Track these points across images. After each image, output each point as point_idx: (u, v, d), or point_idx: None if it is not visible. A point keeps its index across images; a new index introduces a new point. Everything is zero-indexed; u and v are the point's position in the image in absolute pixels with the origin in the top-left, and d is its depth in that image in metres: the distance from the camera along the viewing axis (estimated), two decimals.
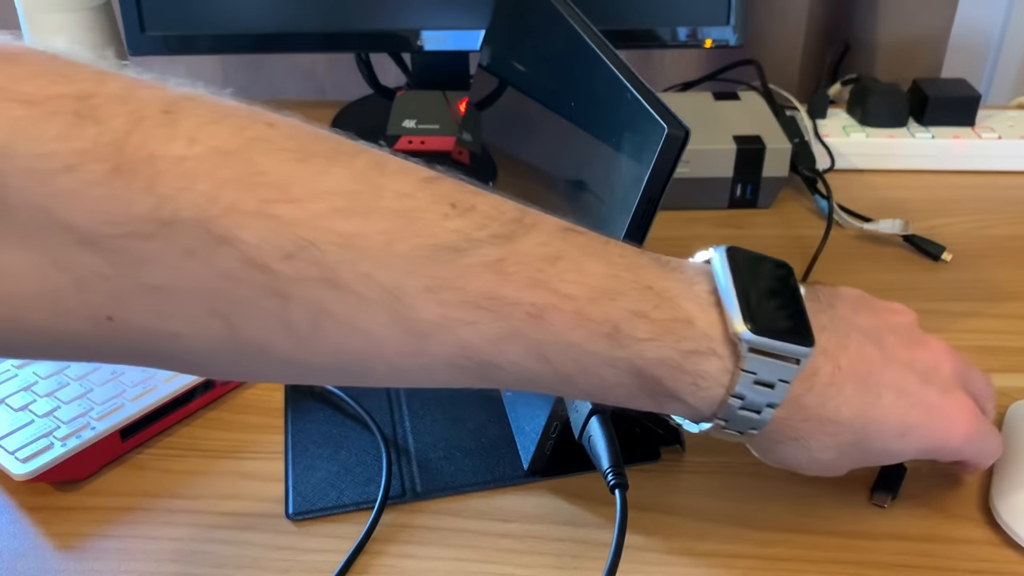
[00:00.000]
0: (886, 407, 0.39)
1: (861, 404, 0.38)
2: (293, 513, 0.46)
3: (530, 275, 0.33)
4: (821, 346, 0.37)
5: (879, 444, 0.39)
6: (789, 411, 0.37)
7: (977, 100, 0.79)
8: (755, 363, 0.35)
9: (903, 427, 0.39)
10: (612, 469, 0.40)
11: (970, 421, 0.41)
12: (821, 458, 0.39)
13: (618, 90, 0.44)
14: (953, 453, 0.42)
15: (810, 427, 0.38)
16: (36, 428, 0.48)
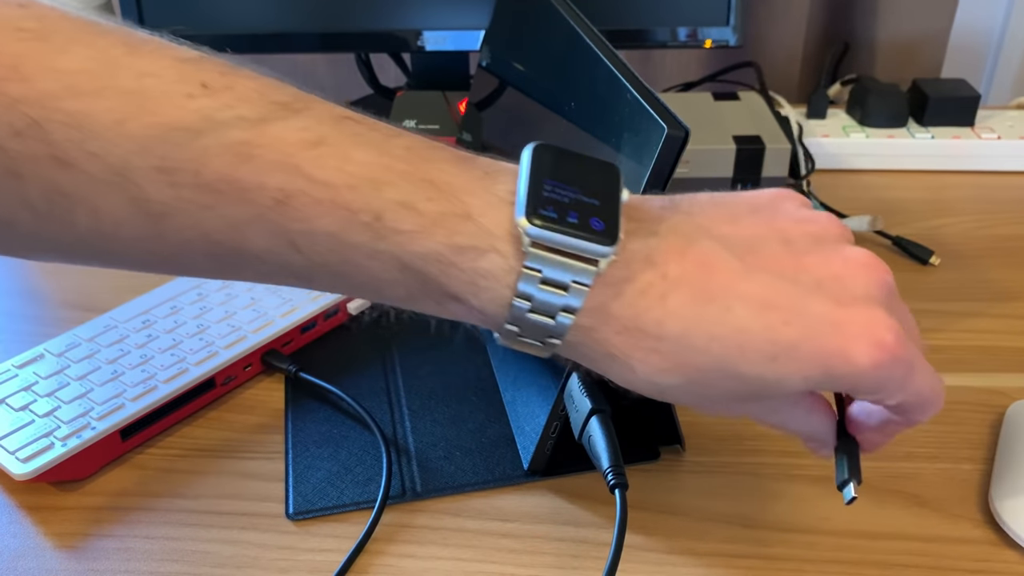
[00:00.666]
0: (741, 323, 0.32)
1: (697, 319, 0.32)
2: (293, 513, 0.46)
3: (278, 159, 0.31)
4: (643, 252, 0.32)
5: (747, 370, 0.32)
6: (595, 320, 0.32)
7: (977, 100, 0.79)
8: (540, 260, 0.31)
9: (772, 348, 0.32)
10: (612, 469, 0.40)
11: (882, 340, 0.32)
12: (659, 381, 0.33)
13: (618, 90, 0.44)
14: (860, 384, 0.32)
15: (625, 342, 0.32)
16: (36, 428, 0.48)
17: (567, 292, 0.32)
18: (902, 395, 0.33)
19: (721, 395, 0.34)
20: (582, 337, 0.33)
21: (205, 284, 0.59)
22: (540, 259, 0.32)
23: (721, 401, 0.34)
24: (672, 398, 0.35)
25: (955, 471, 0.48)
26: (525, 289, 0.32)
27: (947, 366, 0.56)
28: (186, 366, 0.52)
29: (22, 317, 0.61)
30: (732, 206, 0.35)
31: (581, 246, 0.31)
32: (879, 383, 0.33)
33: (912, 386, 0.33)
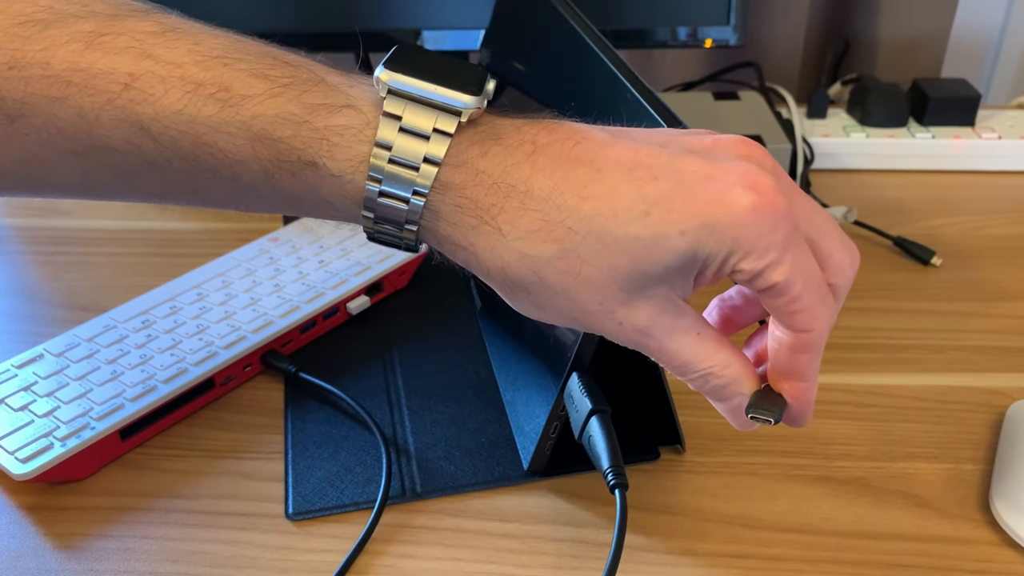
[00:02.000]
0: (610, 182, 0.30)
1: (566, 178, 0.30)
2: (293, 513, 0.46)
3: (129, 45, 0.31)
4: (512, 124, 0.32)
5: (620, 230, 0.30)
6: (461, 176, 0.31)
7: (977, 100, 0.79)
8: (399, 105, 0.31)
9: (643, 203, 0.30)
10: (612, 469, 0.40)
11: (759, 183, 0.30)
12: (530, 251, 0.30)
13: (618, 90, 0.43)
14: (741, 237, 0.30)
15: (493, 202, 0.30)
16: (36, 428, 0.48)
17: (428, 140, 0.31)
18: (788, 262, 0.30)
19: (598, 276, 0.31)
20: (447, 200, 0.31)
21: (205, 284, 0.59)
22: (399, 105, 0.31)
23: (599, 291, 0.31)
24: (543, 288, 0.31)
25: (955, 471, 0.48)
26: (385, 136, 0.31)
27: (948, 366, 0.56)
28: (185, 366, 0.52)
29: (21, 317, 0.61)
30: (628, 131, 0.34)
31: (442, 95, 0.31)
32: (760, 234, 0.30)
33: (799, 256, 0.31)
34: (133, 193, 0.35)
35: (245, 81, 0.31)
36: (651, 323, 0.33)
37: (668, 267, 0.31)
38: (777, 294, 0.31)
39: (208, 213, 0.72)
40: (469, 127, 0.32)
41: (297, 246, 0.63)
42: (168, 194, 0.35)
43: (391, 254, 0.61)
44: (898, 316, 0.60)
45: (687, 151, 0.31)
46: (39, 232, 0.70)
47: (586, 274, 0.31)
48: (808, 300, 0.31)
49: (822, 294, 0.32)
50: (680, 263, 0.31)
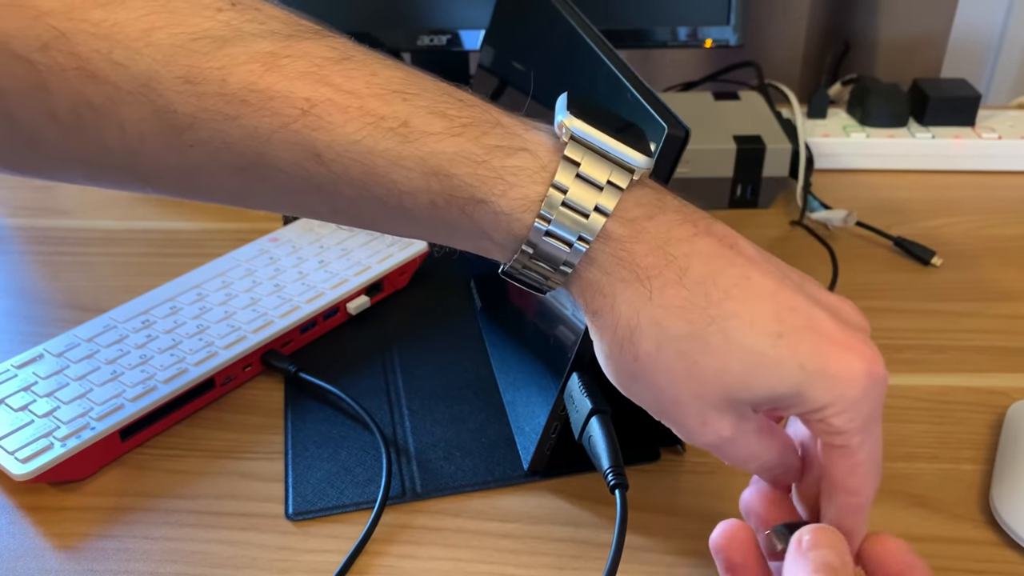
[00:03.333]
0: (758, 292, 0.32)
1: (719, 271, 0.32)
2: (293, 513, 0.46)
3: (307, 70, 0.31)
4: (676, 200, 0.34)
5: (750, 340, 0.31)
6: (628, 230, 0.32)
7: (977, 100, 0.79)
8: (579, 153, 0.32)
9: (779, 326, 0.32)
10: (612, 469, 0.40)
11: (876, 362, 0.33)
12: (666, 321, 0.31)
13: (618, 90, 0.43)
14: (845, 394, 0.32)
15: (652, 262, 0.32)
16: (36, 428, 0.48)
17: (601, 191, 0.32)
18: (865, 430, 0.33)
19: (710, 373, 0.32)
20: (607, 249, 0.32)
21: (205, 284, 0.59)
22: (579, 153, 0.32)
23: (703, 385, 0.32)
24: (655, 363, 0.32)
25: (955, 471, 0.48)
26: (561, 181, 0.31)
27: (948, 366, 0.56)
28: (186, 366, 0.52)
29: (21, 317, 0.61)
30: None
31: (620, 150, 0.32)
32: (860, 403, 0.33)
33: (875, 429, 0.34)
34: (288, 209, 0.35)
35: (425, 118, 0.32)
36: (732, 434, 0.34)
37: (773, 392, 0.33)
38: (845, 454, 0.34)
39: (208, 213, 0.72)
40: (637, 187, 0.33)
41: (297, 246, 0.63)
42: (322, 214, 0.35)
43: (391, 254, 0.61)
44: (898, 316, 0.60)
45: (819, 301, 0.34)
46: (39, 232, 0.70)
47: (701, 365, 0.32)
48: (866, 470, 0.34)
49: (878, 468, 0.35)
50: (784, 393, 0.32)
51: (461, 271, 0.64)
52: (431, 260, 0.64)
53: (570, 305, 0.45)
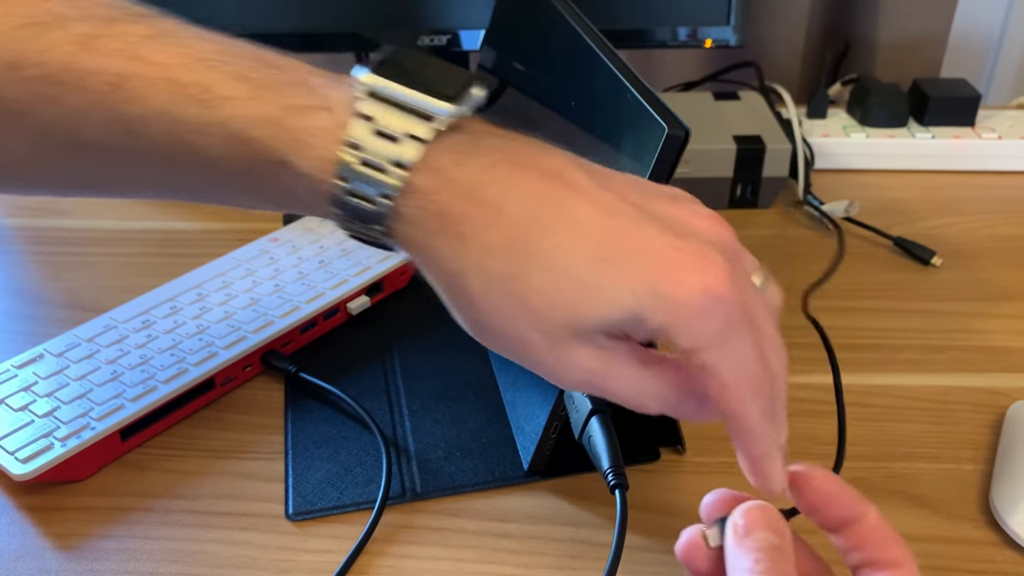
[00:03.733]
0: (580, 220, 0.31)
1: (539, 206, 0.31)
2: (293, 513, 0.46)
3: (120, 48, 0.32)
4: (493, 141, 0.32)
5: (574, 268, 0.30)
6: (433, 180, 0.31)
7: (977, 100, 0.79)
8: (373, 107, 0.31)
9: (603, 252, 0.30)
10: (612, 469, 0.40)
11: (716, 274, 0.30)
12: (487, 263, 0.31)
13: (618, 90, 0.44)
14: (682, 315, 0.30)
15: (462, 209, 0.31)
16: (36, 428, 0.48)
17: (400, 144, 0.31)
18: (719, 347, 0.30)
19: (543, 309, 0.31)
20: (412, 203, 0.31)
21: (205, 284, 0.59)
22: (375, 107, 0.31)
23: (542, 323, 0.31)
24: (488, 306, 0.32)
25: (956, 471, 0.48)
26: (357, 135, 0.31)
27: (948, 366, 0.56)
28: (186, 366, 0.52)
29: (21, 317, 0.61)
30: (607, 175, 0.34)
31: (420, 100, 0.31)
32: (701, 320, 0.30)
33: (737, 346, 0.31)
34: (124, 187, 0.37)
35: (226, 83, 0.32)
36: (598, 366, 0.32)
37: (609, 319, 0.31)
38: (706, 376, 0.31)
39: (208, 213, 0.72)
40: (448, 135, 0.32)
41: (297, 246, 0.63)
42: (158, 189, 0.36)
43: (391, 254, 0.61)
44: (898, 316, 0.60)
45: (658, 217, 0.32)
46: (39, 232, 0.70)
47: (530, 301, 0.31)
48: (736, 390, 0.31)
49: (754, 385, 0.32)
50: (622, 318, 0.31)
51: None
52: None
53: None
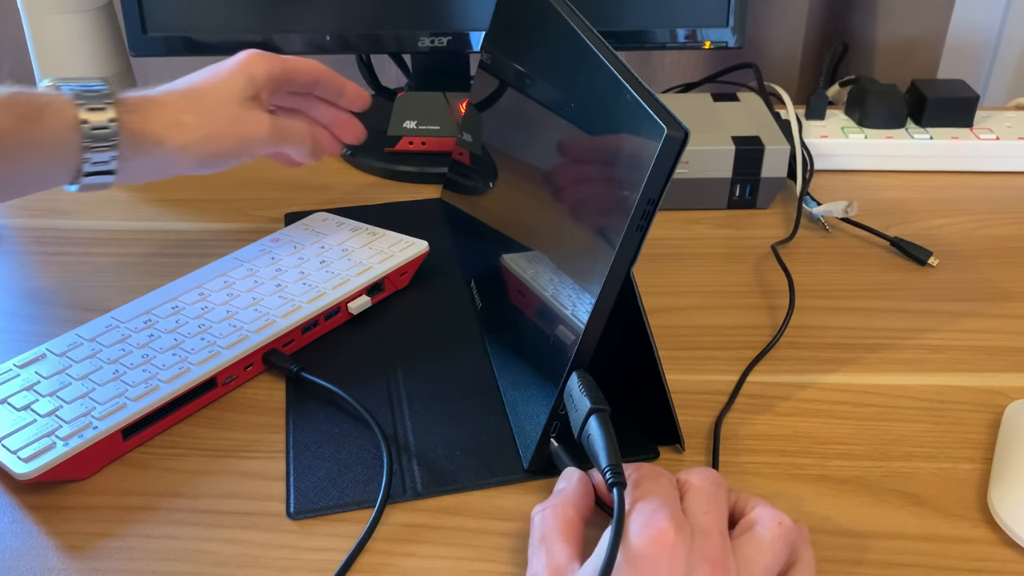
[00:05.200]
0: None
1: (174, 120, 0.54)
2: (294, 512, 0.46)
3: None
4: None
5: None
6: (135, 117, 0.51)
7: (975, 101, 0.79)
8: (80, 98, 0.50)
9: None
10: (611, 467, 0.40)
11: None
12: (185, 122, 0.53)
13: (617, 91, 0.44)
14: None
15: (164, 124, 0.53)
16: (38, 427, 0.48)
17: (105, 109, 0.50)
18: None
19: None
20: (130, 129, 0.51)
21: (207, 284, 0.59)
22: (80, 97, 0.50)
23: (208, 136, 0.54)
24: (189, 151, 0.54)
25: (954, 471, 0.49)
26: (82, 114, 0.49)
27: (945, 366, 0.56)
28: (188, 365, 0.52)
29: (24, 317, 0.61)
30: None
31: (94, 88, 0.51)
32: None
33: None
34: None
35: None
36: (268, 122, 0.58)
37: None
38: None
39: (210, 213, 0.72)
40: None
41: (299, 246, 0.63)
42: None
43: (392, 254, 0.62)
44: (895, 316, 0.61)
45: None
46: (41, 232, 0.70)
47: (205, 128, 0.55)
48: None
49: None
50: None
51: (461, 271, 0.65)
52: (431, 260, 0.64)
53: (570, 305, 0.46)
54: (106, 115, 0.50)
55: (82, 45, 0.76)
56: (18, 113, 0.48)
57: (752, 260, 0.67)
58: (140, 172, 0.54)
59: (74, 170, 0.50)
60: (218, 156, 0.55)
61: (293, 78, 0.60)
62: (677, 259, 0.67)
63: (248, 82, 0.56)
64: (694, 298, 0.63)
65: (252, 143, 0.56)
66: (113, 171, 0.51)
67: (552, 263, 0.49)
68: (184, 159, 0.54)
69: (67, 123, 0.49)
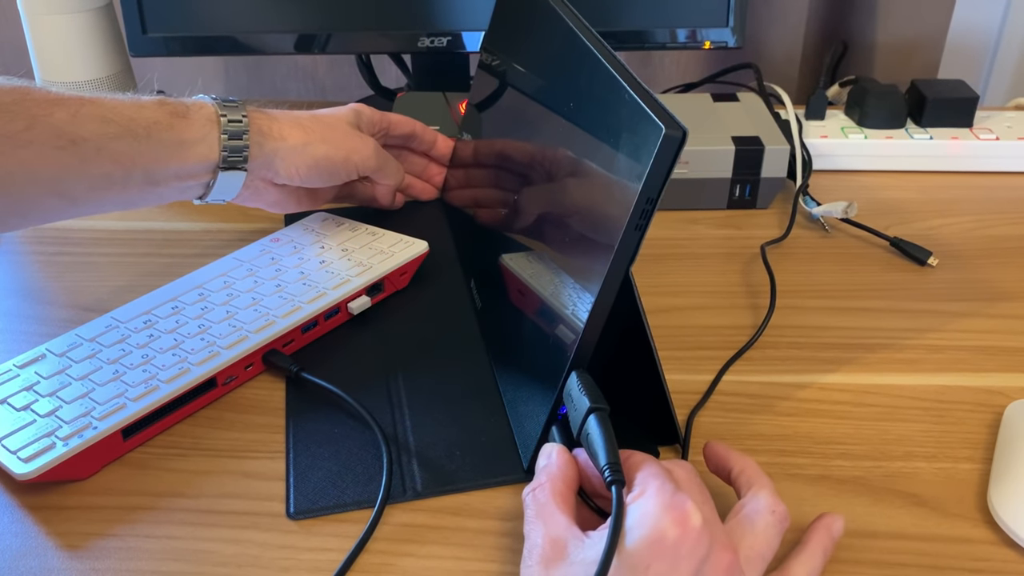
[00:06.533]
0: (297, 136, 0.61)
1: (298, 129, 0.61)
2: (294, 512, 0.46)
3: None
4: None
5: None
6: (265, 123, 0.58)
7: (975, 101, 0.79)
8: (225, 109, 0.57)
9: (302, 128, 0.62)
10: (609, 466, 0.40)
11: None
12: (300, 143, 0.60)
13: (616, 91, 0.44)
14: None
15: (289, 131, 0.59)
16: (38, 428, 0.48)
17: (238, 108, 0.57)
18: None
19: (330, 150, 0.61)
20: (259, 127, 0.58)
21: (207, 284, 0.59)
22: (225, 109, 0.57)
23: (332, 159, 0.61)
24: (308, 153, 0.60)
25: (954, 471, 0.49)
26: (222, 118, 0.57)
27: (945, 366, 0.56)
28: (187, 366, 0.52)
29: (23, 317, 0.61)
30: None
31: (229, 98, 0.58)
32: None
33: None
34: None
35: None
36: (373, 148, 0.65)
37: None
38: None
39: (210, 213, 0.72)
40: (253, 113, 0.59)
41: (299, 246, 0.63)
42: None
43: (392, 254, 0.62)
44: (895, 316, 0.61)
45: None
46: (41, 232, 0.70)
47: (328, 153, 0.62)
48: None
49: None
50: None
51: (461, 271, 0.65)
52: (431, 260, 0.64)
53: (569, 305, 0.46)
54: (239, 113, 0.57)
55: (82, 45, 0.76)
56: (170, 110, 0.54)
57: (752, 260, 0.67)
58: (262, 174, 0.59)
59: (213, 165, 0.56)
60: (331, 162, 0.61)
61: (391, 129, 0.68)
62: (677, 259, 0.67)
63: (356, 116, 0.64)
64: (693, 298, 0.63)
65: (360, 156, 0.62)
66: (244, 168, 0.57)
67: (551, 263, 0.49)
68: (302, 158, 0.59)
69: (209, 117, 0.55)
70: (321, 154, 0.60)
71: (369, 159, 0.63)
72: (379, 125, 0.67)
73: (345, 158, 0.61)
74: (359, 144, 0.62)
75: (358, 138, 0.63)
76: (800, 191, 0.72)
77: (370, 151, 0.63)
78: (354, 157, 0.62)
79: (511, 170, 0.60)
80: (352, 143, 0.62)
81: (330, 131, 0.61)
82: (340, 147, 0.61)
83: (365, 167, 0.63)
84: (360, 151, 0.62)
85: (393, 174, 0.67)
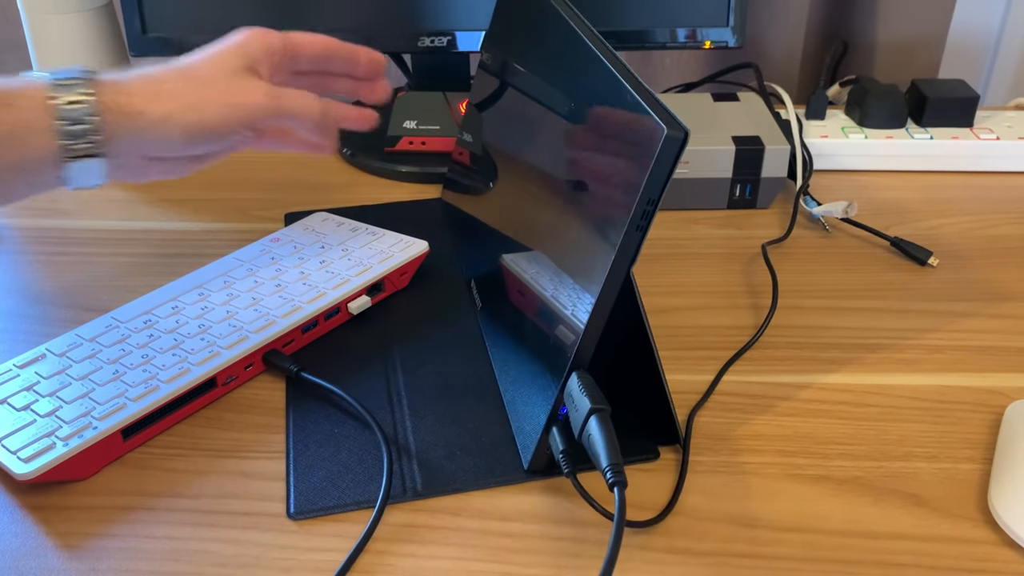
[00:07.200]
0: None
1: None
2: (294, 512, 0.46)
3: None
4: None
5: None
6: (117, 95, 0.49)
7: (976, 101, 0.79)
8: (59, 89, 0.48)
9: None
10: (611, 467, 0.40)
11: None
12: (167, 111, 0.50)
13: (617, 91, 0.44)
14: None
15: (146, 102, 0.49)
16: (38, 428, 0.48)
17: (76, 87, 0.48)
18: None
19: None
20: (108, 105, 0.48)
21: (207, 284, 0.59)
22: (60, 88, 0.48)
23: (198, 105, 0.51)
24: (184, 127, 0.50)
25: (954, 471, 0.49)
26: (55, 97, 0.47)
27: (945, 366, 0.56)
28: (188, 366, 0.52)
29: (24, 317, 0.61)
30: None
31: (72, 71, 0.48)
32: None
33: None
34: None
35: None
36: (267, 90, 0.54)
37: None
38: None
39: (210, 213, 0.72)
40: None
41: (299, 246, 0.63)
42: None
43: (392, 254, 0.62)
44: (895, 316, 0.61)
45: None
46: (41, 232, 0.70)
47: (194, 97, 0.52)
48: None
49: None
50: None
51: (461, 271, 0.65)
52: (431, 260, 0.64)
53: (570, 305, 0.46)
54: (78, 92, 0.47)
55: (82, 45, 0.76)
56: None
57: (752, 260, 0.67)
58: (130, 155, 0.50)
59: (56, 156, 0.47)
60: (206, 127, 0.50)
61: (296, 53, 0.56)
62: (677, 259, 0.67)
63: (242, 55, 0.53)
64: (694, 298, 0.63)
65: (245, 110, 0.52)
66: (98, 153, 0.48)
67: (552, 263, 0.49)
68: (170, 131, 0.50)
69: (36, 103, 0.47)
70: (191, 121, 0.50)
71: (258, 108, 0.52)
72: (278, 53, 0.55)
73: (224, 118, 0.51)
74: (240, 95, 0.51)
75: (239, 87, 0.52)
76: (800, 191, 0.72)
77: (257, 98, 0.52)
78: (236, 113, 0.51)
79: (512, 170, 0.60)
80: (231, 97, 0.51)
81: (200, 89, 0.51)
82: (214, 107, 0.51)
83: (255, 118, 0.52)
84: (243, 104, 0.51)
85: (303, 111, 0.54)
